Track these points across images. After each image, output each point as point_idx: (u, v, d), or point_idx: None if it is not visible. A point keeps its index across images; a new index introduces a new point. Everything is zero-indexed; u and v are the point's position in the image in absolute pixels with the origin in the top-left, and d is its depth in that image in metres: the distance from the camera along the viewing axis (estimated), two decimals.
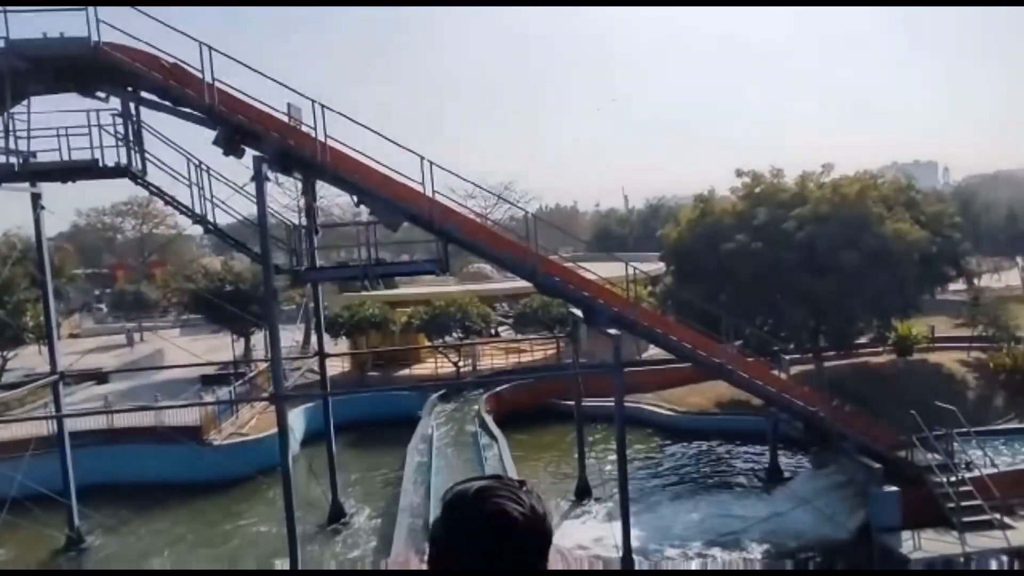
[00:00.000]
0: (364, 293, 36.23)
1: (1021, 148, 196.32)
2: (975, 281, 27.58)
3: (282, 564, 15.33)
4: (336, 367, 35.60)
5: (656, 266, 32.58)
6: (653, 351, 35.48)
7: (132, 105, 15.42)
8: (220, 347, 39.96)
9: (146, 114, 15.73)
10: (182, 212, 15.77)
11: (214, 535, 19.59)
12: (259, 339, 38.00)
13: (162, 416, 24.83)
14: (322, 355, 19.48)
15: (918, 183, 27.16)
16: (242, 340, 36.81)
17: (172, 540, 19.36)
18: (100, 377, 34.14)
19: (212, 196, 15.23)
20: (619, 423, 15.41)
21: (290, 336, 35.25)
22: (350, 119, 14.76)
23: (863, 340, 26.39)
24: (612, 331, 15.26)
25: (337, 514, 19.86)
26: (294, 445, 26.37)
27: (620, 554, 15.43)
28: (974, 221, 41.19)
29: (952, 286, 32.82)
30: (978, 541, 15.15)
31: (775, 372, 19.41)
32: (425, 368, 34.64)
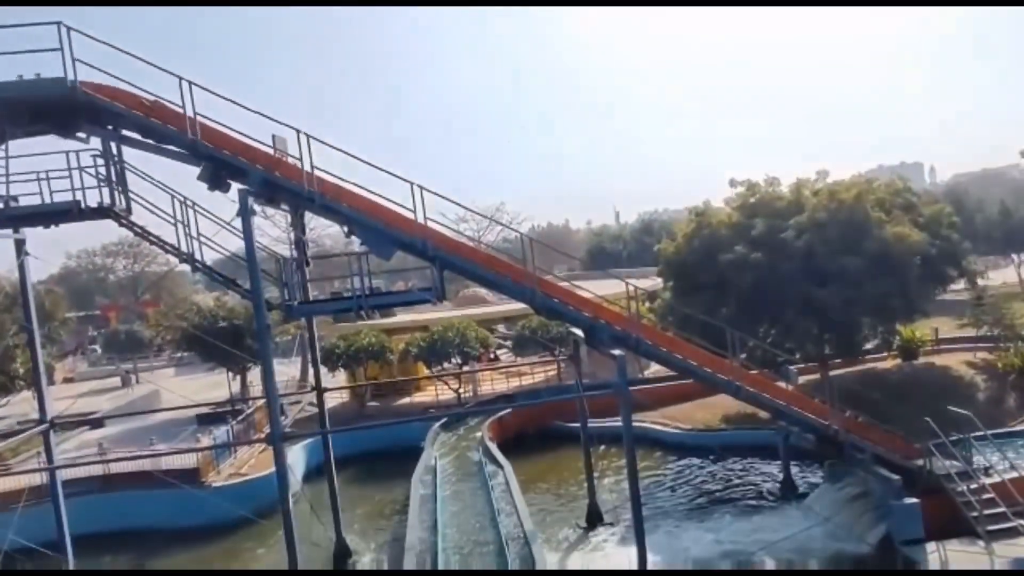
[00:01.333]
0: (360, 322, 35.80)
1: (1004, 145, 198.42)
2: (977, 280, 27.15)
3: None
4: (335, 399, 35.08)
5: (653, 281, 32.24)
6: (656, 367, 35.07)
7: (113, 144, 15.05)
8: (217, 384, 39.38)
9: (129, 153, 15.39)
10: (168, 252, 15.35)
11: None
12: (256, 375, 37.42)
13: (159, 460, 24.28)
14: (319, 390, 18.98)
15: (912, 184, 26.85)
16: (238, 377, 36.17)
17: None
18: (95, 422, 33.47)
19: (199, 233, 14.83)
20: (629, 446, 14.93)
21: (287, 370, 34.77)
22: (333, 147, 14.39)
23: (868, 346, 25.99)
24: (616, 352, 14.84)
25: (342, 553, 19.27)
26: (295, 483, 25.85)
27: None
28: (968, 219, 41.06)
29: (952, 286, 32.53)
30: (1006, 550, 14.63)
31: (782, 384, 19.00)
32: (426, 396, 34.12)
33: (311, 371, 19.20)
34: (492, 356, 37.77)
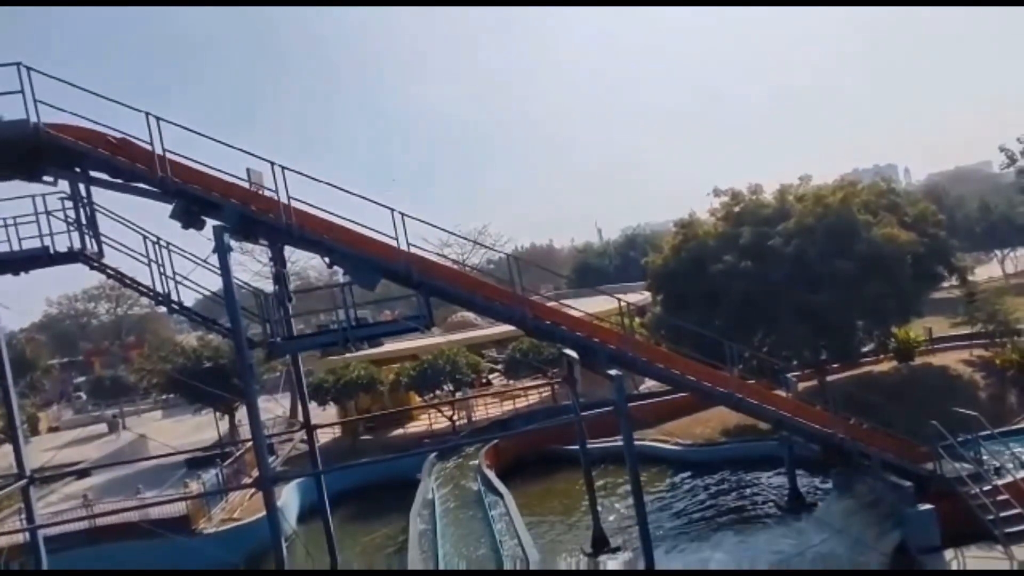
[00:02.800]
0: (348, 355, 35.16)
1: (973, 144, 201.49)
2: (968, 277, 27.00)
3: None
4: (327, 434, 34.30)
5: (641, 296, 31.95)
6: (650, 382, 34.66)
7: (81, 186, 14.54)
8: (205, 425, 38.46)
9: (98, 194, 14.88)
10: (143, 294, 14.79)
11: None
12: (244, 414, 36.61)
13: (147, 510, 23.45)
14: (309, 427, 18.33)
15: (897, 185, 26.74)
16: (226, 417, 35.33)
17: None
18: (77, 473, 32.48)
19: (174, 273, 14.28)
20: (632, 466, 14.42)
21: (276, 406, 33.98)
22: (308, 176, 13.95)
23: (864, 349, 25.72)
24: (613, 372, 14.39)
25: None
26: (289, 524, 25.11)
27: None
28: (948, 217, 41.22)
29: (941, 285, 32.44)
30: None
31: (782, 393, 18.60)
32: (419, 425, 33.44)
33: (300, 407, 18.62)
34: (484, 381, 37.17)
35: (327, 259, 15.03)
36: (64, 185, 14.59)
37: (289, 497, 25.87)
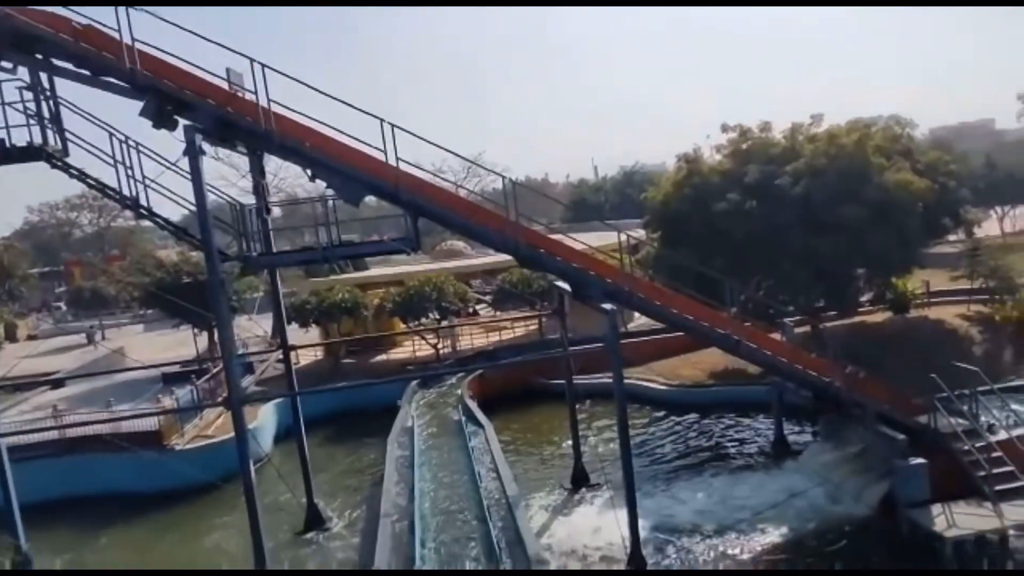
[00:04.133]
0: (332, 277, 34.38)
1: (976, 100, 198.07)
2: (974, 231, 26.26)
3: None
4: (309, 356, 33.81)
5: (637, 233, 31.06)
6: (638, 320, 34.16)
7: (44, 76, 13.33)
8: (186, 341, 37.79)
9: (64, 88, 13.67)
10: (109, 197, 13.76)
11: (180, 550, 17.83)
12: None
13: (118, 423, 22.95)
14: (286, 347, 17.64)
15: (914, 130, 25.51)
16: (205, 333, 34.62)
17: (131, 558, 17.58)
18: (54, 381, 31.92)
19: (143, 176, 13.24)
20: (620, 404, 13.83)
21: (257, 327, 33.30)
22: (293, 78, 12.75)
23: (862, 299, 25.16)
24: (607, 306, 13.64)
25: (314, 520, 18.20)
26: (266, 444, 24.75)
27: (626, 546, 13.98)
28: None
29: (946, 238, 31.74)
30: (1015, 512, 13.92)
31: (777, 337, 18.00)
32: (402, 352, 32.94)
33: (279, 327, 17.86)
34: (471, 311, 36.54)
35: (309, 171, 13.99)
36: (24, 73, 13.40)
37: (266, 419, 25.45)
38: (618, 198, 67.03)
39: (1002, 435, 15.18)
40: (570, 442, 19.17)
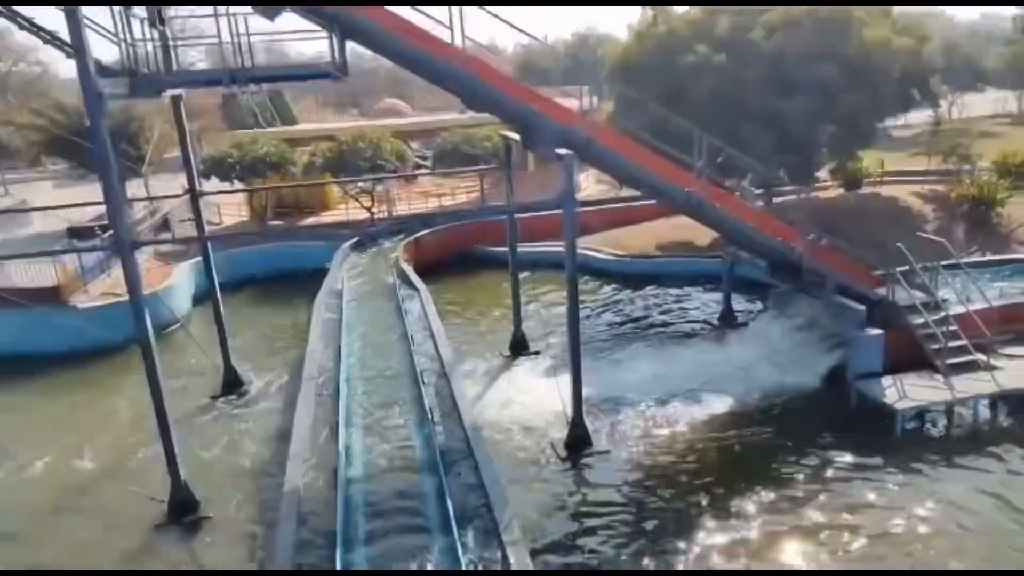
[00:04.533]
0: (257, 130, 31.51)
1: None
2: (939, 107, 25.23)
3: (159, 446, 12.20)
4: (233, 215, 31.48)
5: (592, 99, 29.06)
6: (584, 192, 32.78)
7: None
8: (97, 196, 34.67)
9: None
10: None
11: (72, 413, 16.24)
12: (138, 185, 32.97)
13: (11, 277, 20.69)
14: (194, 194, 15.52)
15: None
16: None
17: (19, 424, 15.95)
18: None
19: None
20: (571, 267, 12.46)
21: (177, 185, 30.49)
22: None
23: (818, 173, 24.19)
24: (561, 151, 11.97)
25: (232, 383, 16.80)
26: (183, 305, 22.92)
27: (568, 414, 13.12)
28: None
29: (901, 120, 30.88)
30: (965, 385, 13.58)
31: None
32: (335, 215, 30.88)
33: (186, 172, 15.59)
34: (410, 175, 34.33)
35: None
36: None
37: (187, 278, 23.50)
38: (572, 64, 63.45)
39: (960, 308, 14.68)
40: (511, 312, 17.99)
